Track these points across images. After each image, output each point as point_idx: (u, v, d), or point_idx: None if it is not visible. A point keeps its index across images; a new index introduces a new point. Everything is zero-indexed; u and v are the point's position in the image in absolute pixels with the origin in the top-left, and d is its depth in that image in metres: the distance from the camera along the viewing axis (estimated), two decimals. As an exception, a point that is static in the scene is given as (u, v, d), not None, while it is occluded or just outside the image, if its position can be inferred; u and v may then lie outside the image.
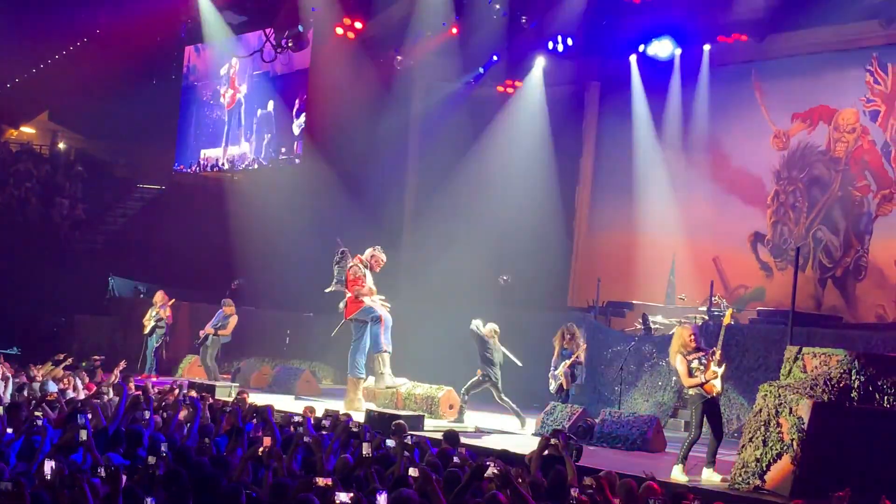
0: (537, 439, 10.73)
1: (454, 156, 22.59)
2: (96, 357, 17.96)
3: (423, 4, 21.71)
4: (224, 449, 8.81)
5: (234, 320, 18.61)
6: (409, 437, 8.80)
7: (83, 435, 7.31)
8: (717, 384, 10.68)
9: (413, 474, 7.25)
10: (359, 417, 12.55)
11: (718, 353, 10.67)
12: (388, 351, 14.93)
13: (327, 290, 15.40)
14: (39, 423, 8.60)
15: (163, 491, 6.33)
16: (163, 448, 7.43)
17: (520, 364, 15.04)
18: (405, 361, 17.66)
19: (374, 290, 15.09)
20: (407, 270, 22.20)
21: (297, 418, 9.94)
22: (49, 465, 6.26)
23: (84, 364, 17.10)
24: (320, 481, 6.12)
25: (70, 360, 16.76)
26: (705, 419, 10.79)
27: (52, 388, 12.94)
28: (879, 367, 10.14)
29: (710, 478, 10.51)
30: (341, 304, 15.14)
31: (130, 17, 26.32)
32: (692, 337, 10.99)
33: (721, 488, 10.05)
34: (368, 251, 15.18)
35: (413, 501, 6.48)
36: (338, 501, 5.94)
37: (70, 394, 12.86)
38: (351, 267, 14.94)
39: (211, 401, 13.09)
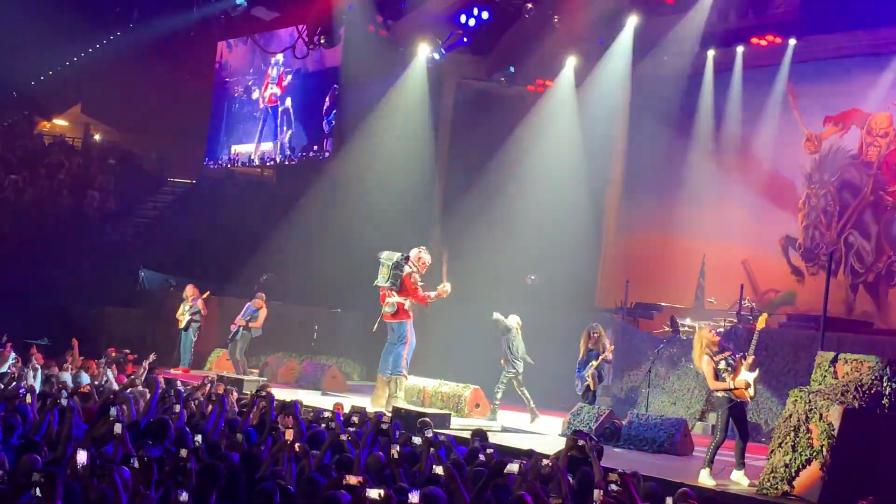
0: (563, 440, 10.75)
1: (484, 154, 22.58)
2: (126, 351, 18.06)
3: (454, 2, 21.72)
4: (253, 442, 8.85)
5: (263, 313, 18.66)
6: (434, 434, 8.82)
7: (118, 428, 7.35)
8: (750, 390, 10.57)
9: (438, 472, 7.26)
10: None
11: (751, 358, 10.58)
12: (406, 376, 14.89)
13: (375, 283, 15.07)
14: (64, 402, 8.64)
15: (195, 484, 6.37)
16: (198, 439, 7.46)
17: (531, 362, 15.15)
18: (432, 360, 17.71)
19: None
20: (434, 269, 22.17)
21: (326, 414, 9.97)
22: (82, 456, 6.30)
23: (113, 356, 17.20)
24: (352, 479, 6.13)
25: (130, 356, 16.92)
26: (731, 422, 10.71)
27: (85, 379, 13.02)
28: (911, 373, 10.04)
29: (739, 480, 10.46)
30: (389, 309, 14.93)
31: (163, 11, 26.45)
32: (713, 332, 10.90)
33: (749, 493, 10.00)
34: (415, 253, 14.96)
35: (442, 499, 6.49)
36: (368, 498, 5.95)
37: (104, 385, 12.95)
38: (411, 274, 14.76)
39: (237, 395, 13.18)
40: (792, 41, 19.32)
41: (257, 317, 18.58)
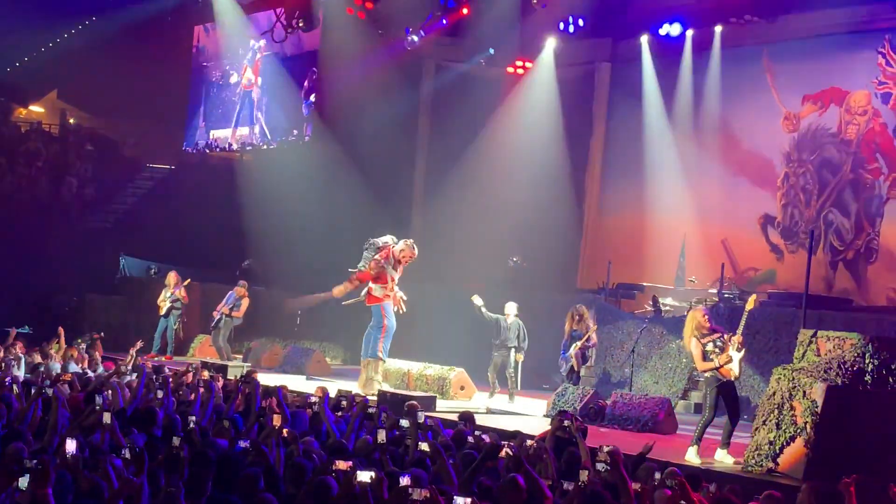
0: (548, 420, 10.84)
1: (464, 136, 22.58)
2: (93, 333, 18.02)
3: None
4: (240, 429, 8.85)
5: (246, 302, 18.70)
6: (423, 417, 8.86)
7: (106, 418, 7.34)
8: (734, 368, 10.67)
9: (424, 449, 7.30)
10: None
11: (739, 338, 10.67)
12: (384, 360, 14.91)
13: (351, 270, 15.25)
14: (49, 392, 8.62)
15: (187, 471, 6.37)
16: (192, 419, 7.45)
17: None
18: (415, 343, 17.74)
19: (391, 287, 14.87)
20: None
21: (313, 399, 9.99)
22: (71, 445, 6.29)
23: (79, 340, 17.18)
24: (341, 465, 6.17)
25: (96, 335, 16.91)
26: (721, 401, 10.79)
27: (75, 368, 12.99)
28: (893, 350, 10.14)
29: (723, 459, 10.55)
30: (363, 292, 15.04)
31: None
32: (706, 317, 11.00)
33: (734, 471, 10.09)
34: (401, 244, 15.03)
35: (422, 479, 6.51)
36: (358, 481, 5.98)
37: (89, 373, 12.91)
38: (380, 262, 14.83)
39: (222, 381, 13.17)
40: (770, 20, 19.36)
41: (241, 306, 18.60)
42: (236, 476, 6.62)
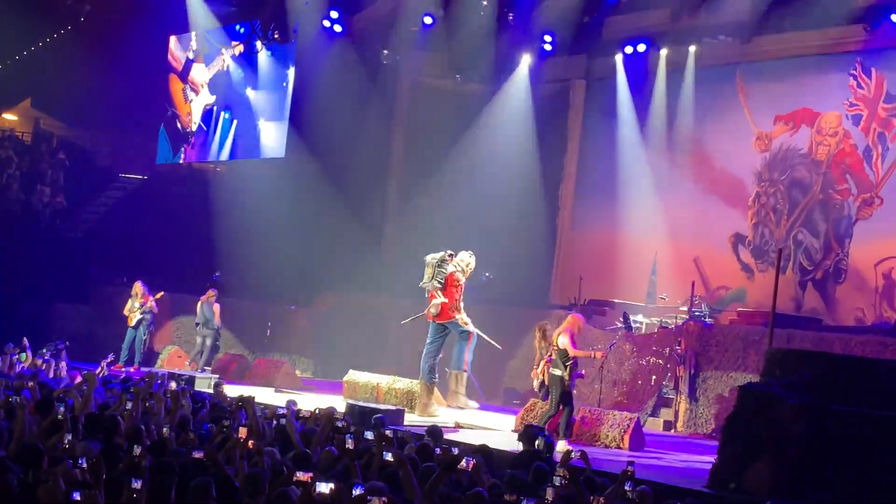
0: (515, 436, 10.88)
1: (438, 151, 22.59)
2: (60, 343, 17.91)
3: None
4: (205, 440, 8.79)
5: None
6: (390, 430, 8.83)
7: (65, 427, 7.29)
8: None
9: (389, 459, 7.28)
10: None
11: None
12: (468, 371, 14.82)
13: (421, 285, 15.09)
14: (16, 400, 8.54)
15: (148, 481, 6.32)
16: (165, 431, 7.39)
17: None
18: (386, 356, 17.71)
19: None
20: (388, 265, 22.24)
21: (281, 411, 9.95)
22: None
23: (43, 350, 17.06)
24: (301, 476, 6.14)
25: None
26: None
27: (40, 377, 12.87)
28: (858, 369, 10.22)
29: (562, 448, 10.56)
30: (433, 310, 14.86)
31: (115, 5, 26.19)
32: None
33: (697, 488, 10.10)
34: (465, 255, 14.91)
35: (384, 491, 6.48)
36: (318, 492, 5.96)
37: (51, 383, 12.80)
38: (455, 272, 14.70)
39: (191, 392, 13.09)
40: (744, 41, 19.51)
41: None
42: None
